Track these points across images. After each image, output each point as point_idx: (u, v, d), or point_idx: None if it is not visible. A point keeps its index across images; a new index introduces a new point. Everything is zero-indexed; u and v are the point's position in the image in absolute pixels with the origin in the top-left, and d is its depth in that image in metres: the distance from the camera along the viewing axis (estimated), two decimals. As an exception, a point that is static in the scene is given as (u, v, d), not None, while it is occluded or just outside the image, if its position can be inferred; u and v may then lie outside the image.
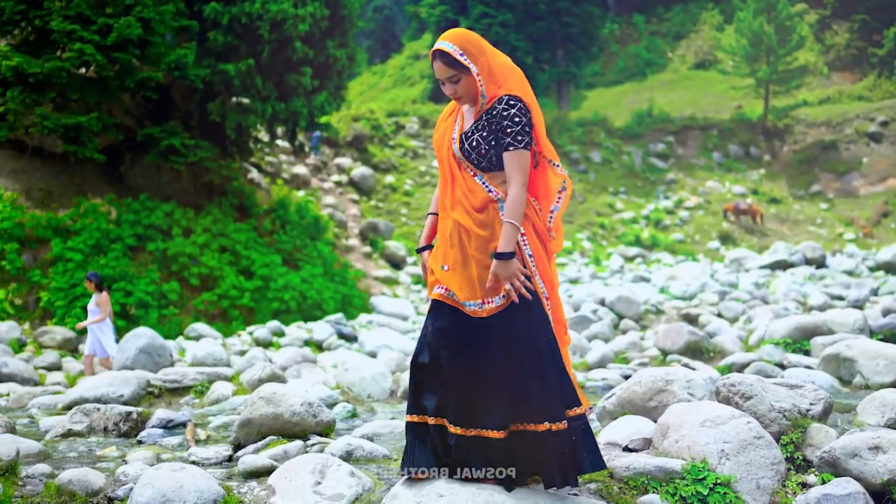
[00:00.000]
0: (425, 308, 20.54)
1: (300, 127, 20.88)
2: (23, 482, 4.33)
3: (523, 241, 3.71)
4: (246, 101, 19.27)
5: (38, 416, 7.11)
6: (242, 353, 12.62)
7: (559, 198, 3.86)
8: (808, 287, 15.57)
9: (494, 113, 3.70)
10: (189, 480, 3.92)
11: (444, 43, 3.69)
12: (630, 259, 28.68)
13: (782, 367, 7.35)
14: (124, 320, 15.87)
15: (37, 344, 14.62)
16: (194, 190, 19.68)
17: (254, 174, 24.00)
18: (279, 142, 26.26)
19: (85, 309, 15.73)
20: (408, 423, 3.80)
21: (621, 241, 30.94)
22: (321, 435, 5.18)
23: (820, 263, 20.46)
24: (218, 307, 17.45)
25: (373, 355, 11.30)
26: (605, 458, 3.79)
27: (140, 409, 6.16)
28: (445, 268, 3.74)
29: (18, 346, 14.27)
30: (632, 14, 56.92)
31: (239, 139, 20.04)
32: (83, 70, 16.93)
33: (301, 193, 25.91)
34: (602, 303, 15.10)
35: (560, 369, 3.67)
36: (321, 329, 14.49)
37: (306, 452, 4.72)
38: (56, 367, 13.11)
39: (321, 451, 4.71)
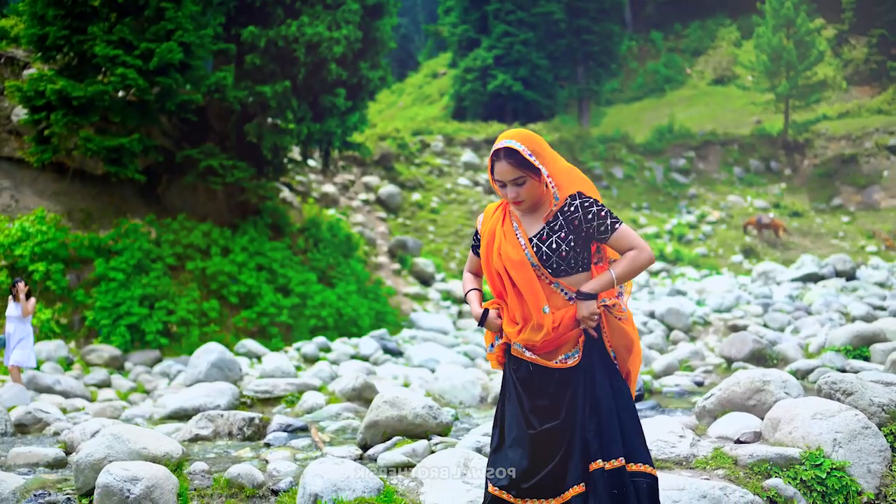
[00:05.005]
0: (461, 323, 20.76)
1: (333, 147, 21.18)
2: (190, 477, 4.65)
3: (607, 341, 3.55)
4: (281, 122, 19.56)
5: (144, 425, 7.35)
6: (296, 368, 12.83)
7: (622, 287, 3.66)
8: (843, 298, 15.70)
9: (572, 210, 3.48)
10: (353, 472, 4.26)
11: (511, 141, 3.45)
12: (655, 274, 28.79)
13: (845, 372, 7.51)
14: (167, 339, 16.14)
15: (84, 362, 14.88)
16: (229, 210, 19.99)
17: (285, 193, 24.31)
18: (309, 161, 26.56)
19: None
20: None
21: (645, 256, 31.00)
22: (440, 435, 5.51)
23: (850, 276, 20.54)
24: (257, 324, 17.69)
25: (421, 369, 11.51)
26: (723, 449, 4.07)
27: (261, 414, 6.46)
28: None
29: (66, 365, 14.55)
30: (649, 31, 57.34)
31: (275, 159, 20.31)
32: (123, 93, 17.25)
33: (331, 212, 26.20)
34: (652, 315, 15.33)
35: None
36: (367, 344, 14.69)
37: (433, 451, 5.02)
38: (106, 385, 13.38)
39: (446, 448, 4.98)
